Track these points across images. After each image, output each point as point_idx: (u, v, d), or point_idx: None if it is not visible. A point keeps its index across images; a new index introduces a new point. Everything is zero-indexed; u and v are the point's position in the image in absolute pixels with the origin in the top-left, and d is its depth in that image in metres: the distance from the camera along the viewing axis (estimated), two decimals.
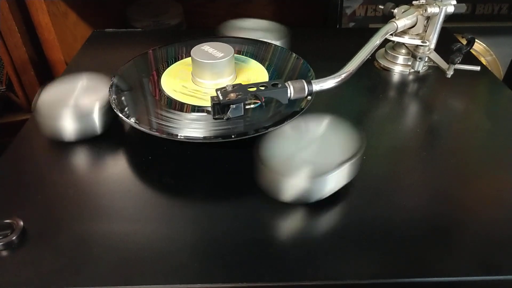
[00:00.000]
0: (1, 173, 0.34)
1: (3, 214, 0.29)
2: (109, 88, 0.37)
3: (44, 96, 0.37)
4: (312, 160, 0.29)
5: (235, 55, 0.39)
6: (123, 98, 0.37)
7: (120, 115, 0.34)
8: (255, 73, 0.41)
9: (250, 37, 0.47)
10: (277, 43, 0.47)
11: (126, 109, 0.35)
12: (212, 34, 0.49)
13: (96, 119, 0.36)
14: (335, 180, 0.29)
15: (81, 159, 0.35)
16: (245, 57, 0.43)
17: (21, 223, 0.28)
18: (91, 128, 0.36)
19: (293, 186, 0.28)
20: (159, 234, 0.29)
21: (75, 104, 0.36)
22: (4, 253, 0.27)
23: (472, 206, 0.32)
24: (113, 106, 0.35)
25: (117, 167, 0.35)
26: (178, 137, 0.33)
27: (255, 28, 0.50)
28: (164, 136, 0.33)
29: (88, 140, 0.37)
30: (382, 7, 0.49)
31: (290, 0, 0.93)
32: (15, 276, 0.26)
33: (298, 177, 0.28)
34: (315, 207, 0.30)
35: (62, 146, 0.37)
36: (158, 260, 0.27)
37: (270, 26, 0.51)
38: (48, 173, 0.34)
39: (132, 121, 0.34)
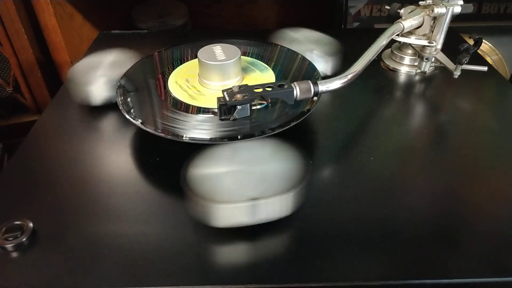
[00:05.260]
0: (10, 174, 0.34)
1: (13, 216, 0.29)
2: (116, 89, 0.38)
3: (76, 66, 0.42)
4: (243, 187, 0.27)
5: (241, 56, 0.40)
6: (129, 99, 0.37)
7: (127, 115, 0.35)
8: (261, 74, 0.41)
9: (298, 50, 0.44)
10: (330, 59, 0.44)
11: (132, 110, 0.35)
12: (218, 34, 0.49)
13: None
14: (268, 211, 0.27)
15: (88, 160, 0.36)
16: (251, 58, 0.44)
17: (31, 224, 0.28)
18: (113, 94, 0.39)
19: (220, 213, 0.27)
20: (168, 236, 0.29)
21: (102, 73, 0.41)
22: (14, 254, 0.27)
23: (481, 206, 0.31)
24: (120, 107, 0.35)
25: (126, 168, 0.35)
26: (184, 138, 0.33)
27: (307, 40, 0.47)
28: (169, 137, 0.33)
29: (97, 142, 0.37)
30: (388, 7, 0.48)
31: (295, 0, 0.93)
32: (25, 278, 0.26)
33: (225, 205, 0.26)
34: (320, 207, 0.30)
35: (70, 147, 0.37)
36: (167, 261, 0.27)
37: (322, 39, 0.48)
38: (57, 175, 0.34)
39: (138, 122, 0.34)
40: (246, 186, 0.27)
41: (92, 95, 0.40)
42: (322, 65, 0.43)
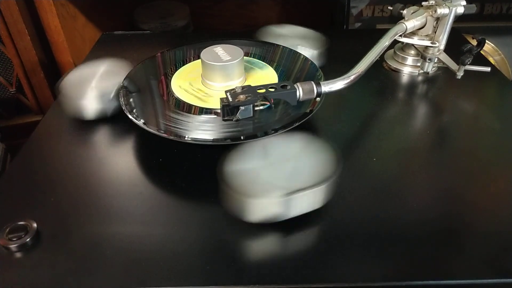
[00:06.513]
0: (13, 175, 0.34)
1: (17, 216, 0.29)
2: (120, 90, 0.38)
3: (68, 77, 0.40)
4: (278, 181, 0.27)
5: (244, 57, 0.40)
6: (131, 99, 0.37)
7: (130, 116, 0.35)
8: (264, 74, 0.41)
9: (287, 45, 0.45)
10: (315, 52, 0.45)
11: (135, 110, 0.35)
12: (220, 35, 0.49)
13: (113, 100, 0.38)
14: (302, 204, 0.28)
15: (91, 161, 0.36)
16: (254, 59, 0.44)
17: (35, 225, 0.28)
18: (108, 108, 0.39)
19: (256, 208, 0.27)
20: (170, 236, 0.29)
21: (95, 85, 0.39)
22: (18, 254, 0.27)
23: (483, 207, 0.31)
24: (123, 108, 0.36)
25: (129, 169, 0.35)
26: (186, 139, 0.33)
27: (293, 35, 0.48)
28: (172, 137, 0.33)
29: (99, 143, 0.37)
30: (390, 8, 0.48)
31: (296, 1, 0.93)
32: (29, 278, 0.26)
33: (261, 199, 0.27)
34: (322, 208, 0.30)
35: (73, 148, 0.37)
36: (170, 262, 0.27)
37: (308, 34, 0.49)
38: (60, 176, 0.34)
39: (140, 122, 0.34)
40: (281, 180, 0.28)
41: (85, 110, 0.38)
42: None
